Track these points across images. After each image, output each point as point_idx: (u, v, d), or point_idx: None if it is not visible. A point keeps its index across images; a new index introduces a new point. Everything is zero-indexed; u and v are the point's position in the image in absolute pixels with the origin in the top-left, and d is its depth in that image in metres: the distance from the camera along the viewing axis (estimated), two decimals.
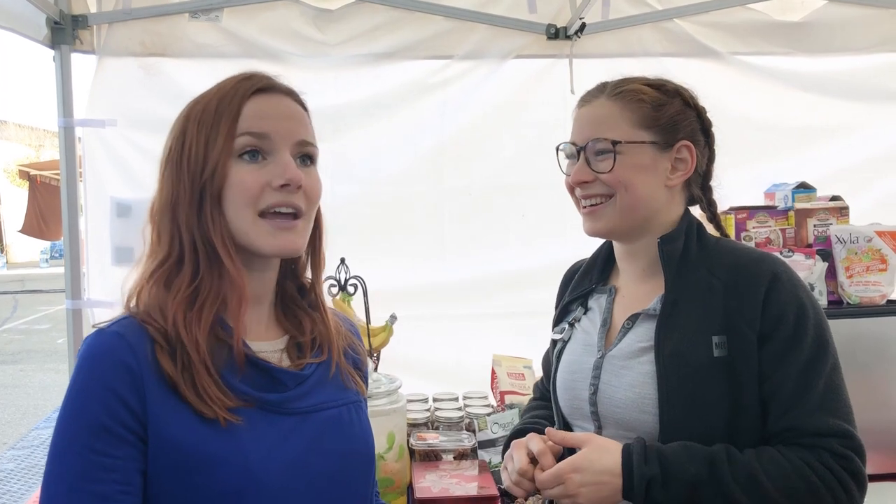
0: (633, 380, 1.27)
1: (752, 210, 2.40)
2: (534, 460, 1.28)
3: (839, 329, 2.16)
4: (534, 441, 1.28)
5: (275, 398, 1.03)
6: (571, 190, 1.37)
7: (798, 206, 2.40)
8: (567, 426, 1.43)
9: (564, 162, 1.40)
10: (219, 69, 1.13)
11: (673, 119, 1.32)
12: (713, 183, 1.41)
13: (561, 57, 2.75)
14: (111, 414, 0.93)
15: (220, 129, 1.01)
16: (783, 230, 2.37)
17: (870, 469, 2.13)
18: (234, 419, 0.97)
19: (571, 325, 1.44)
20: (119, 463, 0.93)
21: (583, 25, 2.65)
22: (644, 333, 1.29)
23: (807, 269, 2.22)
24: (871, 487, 2.05)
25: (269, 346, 1.09)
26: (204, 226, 1.02)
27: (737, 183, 2.74)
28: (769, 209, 2.42)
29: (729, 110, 2.81)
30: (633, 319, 1.33)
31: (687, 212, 1.36)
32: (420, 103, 2.77)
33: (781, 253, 2.27)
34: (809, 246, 2.33)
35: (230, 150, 1.01)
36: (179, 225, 1.03)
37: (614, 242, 1.43)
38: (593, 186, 1.31)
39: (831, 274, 2.27)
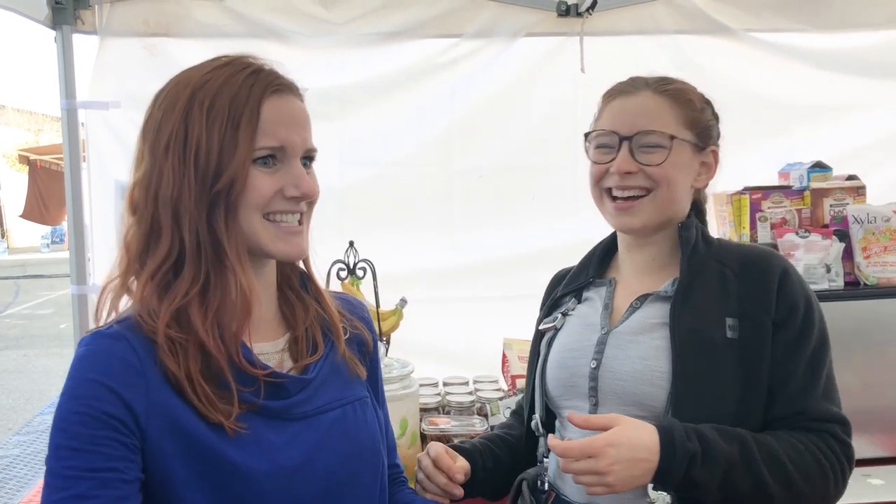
0: (642, 353, 1.28)
1: (766, 190, 2.37)
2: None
3: (856, 310, 2.16)
4: (433, 446, 1.37)
5: (278, 405, 1.02)
6: (597, 180, 1.36)
7: (814, 185, 2.36)
8: (549, 413, 1.42)
9: (592, 150, 1.39)
10: (224, 49, 1.09)
11: (709, 124, 1.38)
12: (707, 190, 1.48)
13: (572, 35, 2.70)
14: (108, 408, 0.92)
15: (240, 136, 0.98)
16: (799, 210, 2.34)
17: (885, 451, 2.14)
18: (239, 427, 0.96)
19: (565, 314, 1.45)
20: (116, 453, 0.92)
21: (594, 2, 2.60)
22: (655, 312, 1.31)
23: (823, 249, 2.19)
24: (886, 469, 2.05)
25: (271, 346, 1.08)
26: (214, 230, 0.99)
27: (750, 162, 2.71)
28: (784, 189, 2.39)
29: (742, 88, 2.77)
30: (642, 300, 1.35)
31: (691, 212, 1.42)
32: (429, 83, 2.71)
33: (798, 233, 2.23)
34: (826, 226, 2.30)
35: (250, 159, 0.99)
36: (182, 225, 0.99)
37: (621, 235, 1.44)
38: (636, 178, 1.32)
39: (848, 255, 2.24)
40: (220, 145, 0.97)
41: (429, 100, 2.72)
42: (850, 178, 2.38)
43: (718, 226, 2.54)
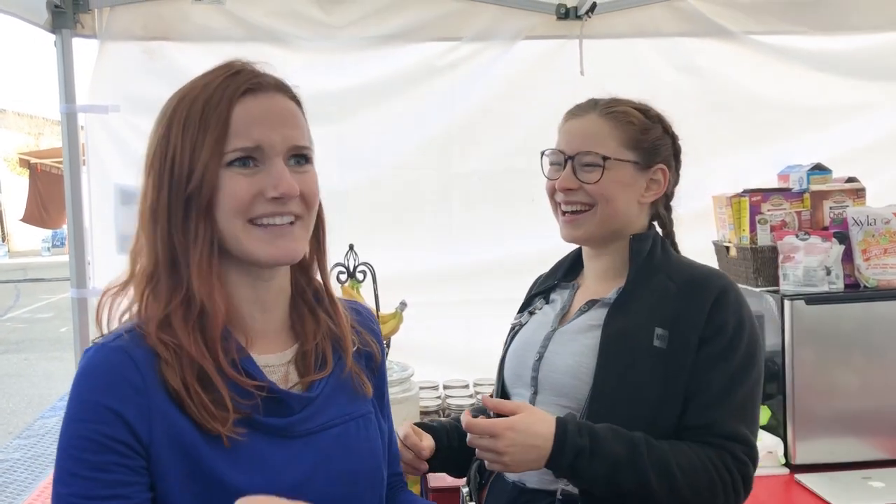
0: (575, 350, 1.40)
1: (766, 192, 2.37)
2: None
3: (856, 312, 2.16)
4: (403, 426, 1.45)
5: (281, 423, 1.00)
6: (551, 194, 1.49)
7: (813, 188, 2.37)
8: (505, 396, 1.53)
9: (547, 166, 1.52)
10: (223, 53, 1.08)
11: (654, 143, 1.46)
12: (673, 203, 1.56)
13: (571, 37, 2.70)
14: (110, 432, 0.91)
15: (208, 139, 0.95)
16: (798, 213, 2.34)
17: (885, 453, 2.14)
18: (236, 434, 0.95)
19: (532, 313, 1.56)
20: (121, 478, 0.91)
21: (593, 5, 2.60)
22: (596, 316, 1.42)
23: (823, 251, 2.19)
24: (886, 472, 2.05)
25: (276, 358, 1.05)
26: (190, 238, 0.97)
27: (749, 164, 2.72)
28: (784, 191, 2.39)
29: (741, 90, 2.78)
30: (590, 305, 1.46)
31: (652, 225, 1.52)
32: (428, 86, 2.71)
33: (797, 236, 2.23)
34: (825, 228, 2.29)
35: (219, 161, 0.96)
36: (159, 235, 0.98)
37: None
38: (577, 194, 1.43)
39: (848, 257, 2.24)
40: (191, 149, 0.96)
41: (428, 103, 2.72)
42: (850, 180, 2.38)
43: (718, 228, 2.54)
